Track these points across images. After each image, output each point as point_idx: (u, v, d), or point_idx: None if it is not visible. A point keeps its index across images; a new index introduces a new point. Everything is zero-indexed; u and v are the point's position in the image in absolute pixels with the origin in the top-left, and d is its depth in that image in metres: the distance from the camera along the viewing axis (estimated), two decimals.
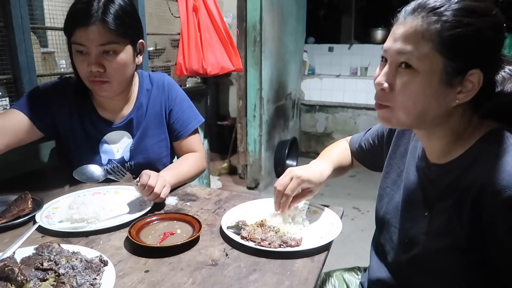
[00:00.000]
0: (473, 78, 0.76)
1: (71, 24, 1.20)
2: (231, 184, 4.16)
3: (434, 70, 0.76)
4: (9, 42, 1.55)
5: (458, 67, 0.75)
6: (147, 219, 1.07)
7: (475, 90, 0.77)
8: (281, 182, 1.06)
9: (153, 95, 1.44)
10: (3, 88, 1.58)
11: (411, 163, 0.98)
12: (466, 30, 0.73)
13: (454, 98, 0.78)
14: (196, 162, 1.46)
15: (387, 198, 1.05)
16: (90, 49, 1.19)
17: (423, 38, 0.75)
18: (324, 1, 5.65)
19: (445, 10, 0.74)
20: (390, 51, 0.80)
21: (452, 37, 0.73)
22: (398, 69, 0.80)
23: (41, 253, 0.86)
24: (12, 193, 1.20)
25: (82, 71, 1.24)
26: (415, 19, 0.76)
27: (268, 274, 0.87)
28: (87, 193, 1.26)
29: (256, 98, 3.81)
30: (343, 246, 2.77)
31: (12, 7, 1.51)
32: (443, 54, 0.74)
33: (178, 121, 1.47)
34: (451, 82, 0.76)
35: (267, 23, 3.71)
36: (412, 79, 0.78)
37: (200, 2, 2.56)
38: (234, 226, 1.04)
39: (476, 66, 0.75)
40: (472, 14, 0.73)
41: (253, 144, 3.95)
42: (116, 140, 1.41)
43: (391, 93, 0.81)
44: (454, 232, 0.80)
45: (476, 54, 0.75)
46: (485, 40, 0.75)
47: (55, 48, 2.02)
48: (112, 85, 1.27)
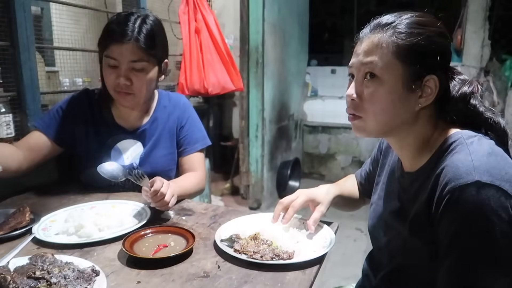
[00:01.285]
0: (430, 83, 0.84)
1: (106, 39, 1.32)
2: (233, 204, 4.14)
3: (396, 76, 0.84)
4: (14, 60, 1.60)
5: (416, 72, 0.83)
6: (141, 232, 1.07)
7: (434, 94, 0.85)
8: (287, 198, 1.13)
9: (169, 112, 1.54)
10: (7, 104, 1.61)
11: (391, 175, 1.04)
12: (418, 38, 0.83)
13: (417, 102, 0.86)
14: (197, 180, 1.50)
15: (373, 212, 1.08)
16: (121, 63, 1.30)
17: (382, 48, 0.84)
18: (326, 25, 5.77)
19: (398, 24, 0.84)
20: (355, 65, 0.89)
21: (407, 45, 0.83)
22: (364, 81, 0.88)
23: (34, 263, 0.87)
24: (11, 207, 1.22)
25: (110, 82, 1.34)
26: (374, 35, 0.86)
27: (259, 286, 0.87)
28: (84, 207, 1.27)
29: (258, 118, 3.84)
30: (344, 267, 2.74)
31: (18, 26, 1.57)
32: (402, 60, 0.83)
33: (186, 139, 1.54)
34: (412, 87, 0.84)
35: (269, 46, 3.79)
36: (378, 87, 0.85)
37: (202, 24, 2.63)
38: (228, 239, 1.05)
39: (431, 72, 0.84)
40: (420, 26, 0.84)
41: (255, 164, 3.96)
42: (128, 148, 1.48)
43: (361, 103, 0.88)
44: (427, 235, 0.84)
45: (430, 60, 0.84)
46: (436, 46, 0.84)
47: (60, 67, 2.08)
48: (135, 98, 1.37)
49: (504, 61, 4.15)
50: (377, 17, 0.90)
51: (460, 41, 4.28)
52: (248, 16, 3.63)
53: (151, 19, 1.36)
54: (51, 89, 1.97)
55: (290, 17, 4.31)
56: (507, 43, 4.31)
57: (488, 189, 0.72)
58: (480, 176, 0.73)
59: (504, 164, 0.77)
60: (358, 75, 0.89)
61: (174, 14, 2.87)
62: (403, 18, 0.85)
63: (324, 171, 5.05)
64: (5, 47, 1.59)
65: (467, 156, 0.78)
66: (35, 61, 1.65)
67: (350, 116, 0.92)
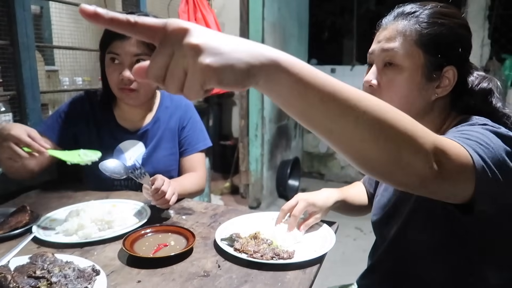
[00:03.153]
0: (449, 74, 0.86)
1: (109, 36, 1.34)
2: (233, 203, 4.15)
3: (416, 65, 0.85)
4: (14, 59, 1.60)
5: (436, 62, 0.85)
6: (141, 231, 1.08)
7: (451, 85, 0.86)
8: (288, 204, 1.14)
9: (171, 112, 1.56)
10: (7, 103, 1.61)
11: None
12: (441, 28, 0.84)
13: (434, 92, 0.87)
14: (197, 180, 1.52)
15: (378, 203, 1.08)
16: (124, 59, 1.33)
17: (405, 36, 0.85)
18: (326, 24, 5.76)
19: (421, 14, 0.85)
20: (376, 52, 0.90)
21: (430, 34, 0.84)
22: (383, 69, 0.89)
23: (34, 262, 0.87)
24: (11, 206, 1.22)
25: (113, 79, 1.36)
26: (396, 23, 0.87)
27: (259, 285, 0.87)
28: (84, 206, 1.26)
29: (258, 117, 3.84)
30: (344, 266, 2.74)
31: (18, 25, 1.57)
32: (424, 49, 0.84)
33: (187, 139, 1.56)
34: (431, 77, 0.86)
35: (269, 44, 3.69)
36: (397, 75, 0.87)
37: (202, 23, 2.63)
38: (228, 238, 1.05)
39: (451, 62, 0.85)
40: (444, 16, 0.85)
41: (255, 163, 3.96)
42: (130, 148, 1.49)
43: (378, 89, 0.89)
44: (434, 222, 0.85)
45: (451, 50, 0.85)
46: (457, 37, 0.86)
47: (60, 66, 2.08)
48: (139, 94, 1.39)
49: (504, 60, 4.15)
50: (401, 6, 0.90)
51: None
52: (248, 15, 3.63)
53: (151, 17, 1.36)
54: (51, 88, 1.96)
55: (290, 16, 4.31)
56: (506, 43, 4.31)
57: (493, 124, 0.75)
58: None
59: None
60: (378, 61, 0.90)
61: (174, 13, 2.87)
62: (427, 7, 0.86)
63: (324, 170, 5.05)
64: (5, 46, 1.59)
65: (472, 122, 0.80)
66: (34, 60, 1.65)
67: None
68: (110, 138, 1.48)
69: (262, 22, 3.62)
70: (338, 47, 5.63)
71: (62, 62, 2.07)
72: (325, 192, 1.17)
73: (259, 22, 3.62)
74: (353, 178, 4.73)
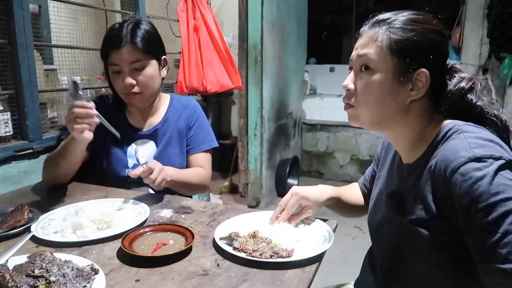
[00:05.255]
0: (421, 77, 0.88)
1: (106, 48, 1.45)
2: (232, 202, 4.15)
3: (388, 69, 0.88)
4: (13, 58, 1.60)
5: (407, 65, 0.87)
6: (140, 230, 1.07)
7: (425, 88, 0.88)
8: (283, 199, 1.16)
9: (179, 113, 1.65)
10: (5, 102, 1.61)
11: (391, 169, 1.06)
12: (411, 34, 0.87)
13: (408, 95, 0.89)
14: (200, 175, 1.60)
15: (374, 206, 1.09)
16: (123, 67, 1.42)
17: (376, 42, 0.89)
18: (325, 23, 5.76)
19: (393, 21, 0.89)
20: (353, 58, 0.95)
21: (399, 39, 0.87)
22: (359, 73, 0.93)
23: (33, 261, 0.87)
24: (10, 205, 1.22)
25: (118, 87, 1.47)
26: (371, 30, 0.92)
27: (258, 284, 0.87)
28: (83, 205, 1.26)
29: (257, 116, 3.84)
30: (343, 265, 2.74)
31: (16, 24, 1.56)
32: (394, 54, 0.87)
33: (193, 139, 1.65)
34: (403, 79, 0.88)
35: (268, 44, 3.78)
36: (370, 78, 0.90)
37: (201, 22, 2.63)
38: (227, 237, 1.05)
39: (423, 66, 0.87)
40: (415, 23, 0.88)
41: (254, 162, 3.96)
42: (142, 146, 1.58)
43: (355, 93, 0.94)
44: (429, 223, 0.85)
45: (421, 54, 0.87)
46: (428, 42, 0.87)
47: (59, 65, 2.07)
48: (143, 96, 1.48)
49: (503, 59, 4.15)
50: (376, 14, 0.94)
51: (459, 39, 4.28)
52: (247, 14, 3.62)
53: (142, 23, 1.47)
54: (49, 87, 1.95)
55: (289, 15, 4.30)
56: (505, 41, 4.31)
57: (488, 160, 0.75)
58: (477, 152, 0.77)
59: (499, 148, 0.79)
60: (355, 67, 0.94)
61: (173, 12, 2.86)
62: (400, 15, 0.90)
63: (323, 169, 5.04)
64: (3, 45, 1.59)
65: (462, 140, 0.81)
66: (33, 59, 1.65)
67: (345, 105, 0.97)
68: (123, 138, 1.52)
69: (261, 21, 3.62)
70: (337, 46, 5.64)
71: (61, 61, 2.06)
72: (320, 188, 1.19)
73: (258, 21, 3.61)
74: (352, 176, 4.73)
